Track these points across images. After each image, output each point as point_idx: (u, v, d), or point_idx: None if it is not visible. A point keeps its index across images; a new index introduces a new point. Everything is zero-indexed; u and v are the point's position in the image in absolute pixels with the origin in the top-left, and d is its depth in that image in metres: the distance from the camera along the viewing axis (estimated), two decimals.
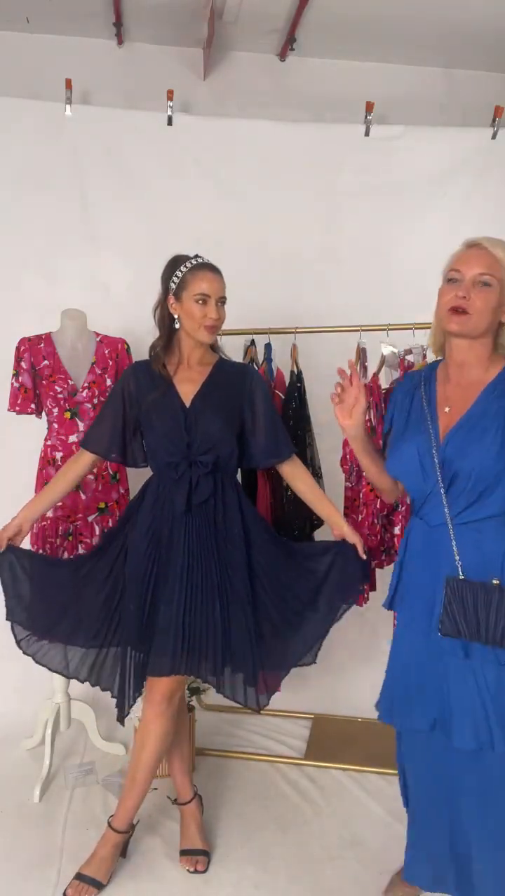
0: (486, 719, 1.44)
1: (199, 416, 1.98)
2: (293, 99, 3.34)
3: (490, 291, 1.49)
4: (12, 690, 2.97)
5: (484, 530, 1.48)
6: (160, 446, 1.99)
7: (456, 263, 1.54)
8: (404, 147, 3.16)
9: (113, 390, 2.11)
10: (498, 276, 1.50)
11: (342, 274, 3.14)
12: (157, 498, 2.01)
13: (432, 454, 1.51)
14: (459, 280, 1.52)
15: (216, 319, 1.97)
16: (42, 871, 2.07)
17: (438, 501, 1.49)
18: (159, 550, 1.98)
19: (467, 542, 1.48)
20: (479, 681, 1.45)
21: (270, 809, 2.38)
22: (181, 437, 1.97)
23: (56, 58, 3.15)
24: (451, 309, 1.50)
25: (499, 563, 1.46)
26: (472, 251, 1.54)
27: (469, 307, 1.48)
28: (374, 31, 3.11)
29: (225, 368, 2.10)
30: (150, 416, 2.00)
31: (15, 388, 2.52)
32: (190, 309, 1.96)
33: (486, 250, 1.52)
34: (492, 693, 1.44)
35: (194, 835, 2.13)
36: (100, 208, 3.08)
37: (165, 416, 1.99)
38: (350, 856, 2.15)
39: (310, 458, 2.62)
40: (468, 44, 3.20)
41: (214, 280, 1.98)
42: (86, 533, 2.50)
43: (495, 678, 1.45)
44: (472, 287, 1.49)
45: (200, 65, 3.25)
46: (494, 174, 3.18)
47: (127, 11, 3.03)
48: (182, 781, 2.19)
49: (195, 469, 1.95)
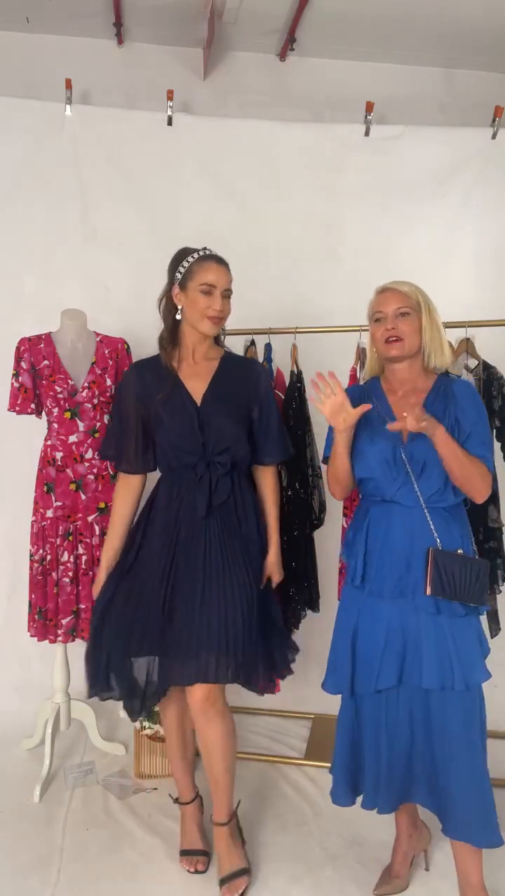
0: (449, 663, 1.74)
1: (211, 416, 1.94)
2: (293, 99, 3.34)
3: (411, 319, 1.84)
4: (12, 690, 2.98)
5: (451, 514, 1.82)
6: (174, 447, 1.94)
7: (377, 306, 1.89)
8: (404, 147, 3.17)
9: (122, 402, 2.04)
10: (412, 305, 1.85)
11: (342, 274, 3.14)
12: (169, 500, 1.96)
13: (400, 451, 1.82)
14: (384, 318, 1.86)
15: (220, 311, 1.94)
16: (42, 871, 2.07)
17: (410, 489, 1.80)
18: (176, 554, 1.93)
19: (439, 521, 1.80)
20: (446, 632, 1.76)
21: (269, 809, 2.39)
22: (195, 436, 1.93)
23: (56, 58, 3.15)
24: (386, 340, 1.85)
25: (459, 540, 1.80)
26: (385, 294, 1.88)
27: (400, 334, 1.83)
28: (374, 31, 3.11)
29: (232, 363, 2.06)
30: (161, 416, 1.95)
31: (15, 388, 2.52)
32: (194, 299, 1.93)
33: (396, 291, 1.86)
34: (455, 642, 1.75)
35: (195, 835, 2.13)
36: (100, 208, 3.09)
37: (176, 415, 1.94)
38: (350, 856, 2.15)
39: (310, 459, 2.62)
40: (468, 44, 3.20)
41: (221, 271, 1.95)
42: (86, 533, 2.50)
43: (457, 628, 1.76)
44: (396, 319, 1.84)
45: (200, 65, 3.26)
46: (494, 174, 3.18)
47: (127, 11, 3.04)
48: (185, 781, 2.17)
49: (213, 470, 1.93)
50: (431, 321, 1.86)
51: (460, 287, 3.09)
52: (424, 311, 1.86)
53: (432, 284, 1.92)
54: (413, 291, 1.87)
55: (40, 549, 2.50)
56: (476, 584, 1.75)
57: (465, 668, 1.74)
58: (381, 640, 1.81)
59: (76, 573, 2.49)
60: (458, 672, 1.73)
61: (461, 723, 1.76)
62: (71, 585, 2.48)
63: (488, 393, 2.42)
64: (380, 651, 1.81)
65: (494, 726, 2.03)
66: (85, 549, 2.49)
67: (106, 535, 2.07)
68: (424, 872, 2.07)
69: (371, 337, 1.92)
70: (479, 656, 1.78)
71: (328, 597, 2.69)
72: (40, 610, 2.49)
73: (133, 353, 2.63)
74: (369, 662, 1.82)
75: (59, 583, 2.47)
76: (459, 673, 1.73)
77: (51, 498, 2.48)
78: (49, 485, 2.49)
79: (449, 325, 2.29)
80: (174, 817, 2.30)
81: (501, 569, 2.46)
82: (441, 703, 1.77)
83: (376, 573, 1.83)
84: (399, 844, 2.03)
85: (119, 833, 2.23)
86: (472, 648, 1.77)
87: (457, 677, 1.73)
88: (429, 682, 1.74)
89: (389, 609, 1.81)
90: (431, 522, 1.79)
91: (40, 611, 2.49)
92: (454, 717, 1.76)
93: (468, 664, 1.75)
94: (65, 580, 2.47)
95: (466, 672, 1.74)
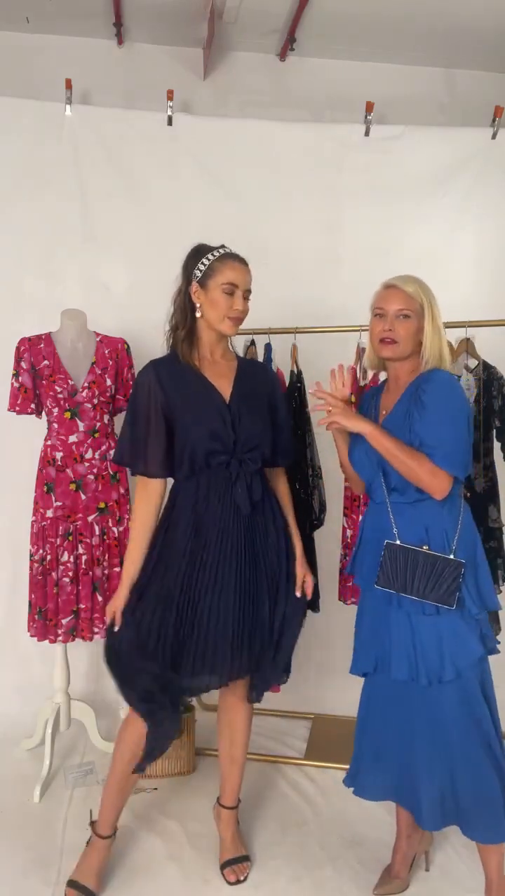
0: (414, 657, 1.78)
1: (242, 413, 1.91)
2: (293, 99, 3.34)
3: (410, 322, 1.83)
4: (12, 690, 2.98)
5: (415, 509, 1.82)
6: (204, 444, 1.86)
7: (379, 302, 1.88)
8: (404, 147, 3.17)
9: (141, 402, 1.91)
10: (414, 308, 1.83)
11: (342, 274, 3.14)
12: (196, 501, 1.88)
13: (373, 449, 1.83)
14: (384, 315, 1.85)
15: (242, 311, 1.91)
16: (42, 871, 2.07)
17: (378, 484, 1.86)
18: (206, 556, 1.87)
19: (401, 517, 1.82)
20: (410, 627, 1.79)
21: (269, 809, 2.39)
22: (227, 434, 1.88)
23: (56, 58, 3.15)
24: (381, 340, 1.85)
25: (426, 536, 1.80)
26: (389, 291, 1.86)
27: (395, 336, 1.83)
28: (374, 31, 3.12)
29: (248, 366, 2.06)
30: (187, 414, 1.87)
31: (15, 388, 2.52)
32: (216, 298, 1.89)
33: (400, 289, 1.85)
34: (419, 637, 1.78)
35: (92, 872, 1.98)
36: (100, 208, 3.08)
37: (207, 412, 1.88)
38: (350, 856, 2.15)
39: (310, 459, 2.62)
40: (468, 44, 3.21)
41: (243, 270, 1.92)
42: (86, 533, 2.50)
43: (418, 624, 1.79)
44: (395, 320, 1.83)
45: (200, 65, 3.26)
46: (494, 174, 3.18)
47: (127, 11, 3.04)
48: (114, 815, 2.01)
49: (245, 467, 1.90)
50: (434, 325, 1.84)
51: (460, 287, 3.08)
52: (427, 314, 1.84)
53: (432, 284, 1.91)
54: (418, 293, 1.84)
55: (40, 549, 2.50)
56: (436, 581, 1.74)
57: (427, 664, 1.76)
58: (364, 627, 1.92)
59: (76, 573, 2.49)
60: (421, 667, 1.77)
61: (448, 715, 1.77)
62: (71, 585, 2.48)
63: (488, 393, 2.42)
64: (362, 638, 1.93)
65: None
66: (85, 549, 2.49)
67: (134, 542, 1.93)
68: (425, 873, 2.07)
69: (370, 329, 1.92)
70: (445, 656, 1.75)
71: (328, 597, 2.70)
72: (40, 610, 2.49)
73: (133, 353, 2.63)
74: (356, 647, 1.94)
75: (59, 583, 2.47)
76: (422, 668, 1.77)
77: (51, 498, 2.48)
78: (49, 485, 2.49)
79: (449, 325, 2.29)
80: (174, 817, 2.31)
81: (502, 569, 2.46)
82: (421, 695, 1.80)
83: (360, 565, 1.93)
84: (399, 845, 2.03)
85: (119, 833, 2.23)
86: (435, 648, 1.76)
87: (421, 672, 1.77)
88: (397, 672, 1.79)
89: (371, 600, 1.90)
90: (392, 517, 1.82)
91: (40, 611, 2.49)
92: (436, 709, 1.78)
93: (430, 662, 1.76)
94: (65, 580, 2.47)
95: (429, 669, 1.76)
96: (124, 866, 2.08)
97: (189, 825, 2.28)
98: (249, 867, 2.08)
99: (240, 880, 2.03)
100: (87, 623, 2.49)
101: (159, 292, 2.08)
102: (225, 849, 2.10)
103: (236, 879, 2.02)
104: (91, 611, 2.50)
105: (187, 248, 2.01)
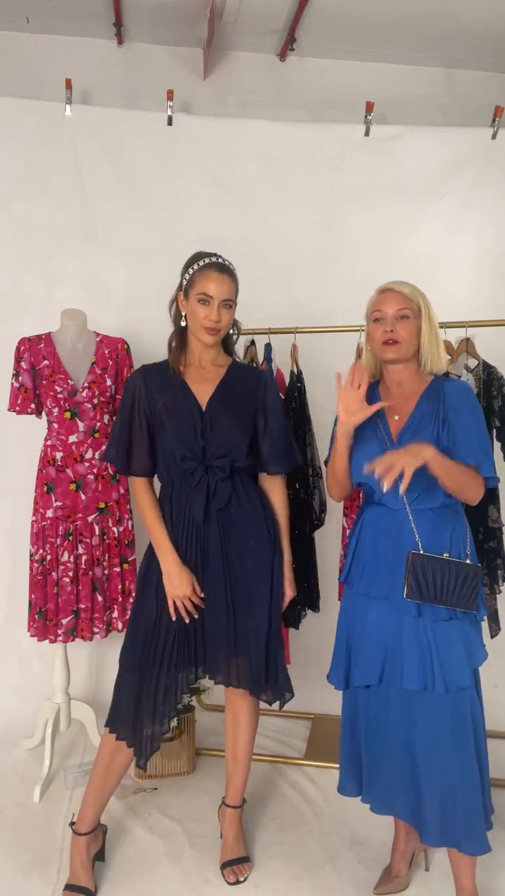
0: (431, 666, 1.75)
1: (215, 420, 1.93)
2: (293, 99, 3.34)
3: (410, 322, 1.84)
4: (12, 690, 2.98)
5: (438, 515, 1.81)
6: (174, 450, 1.92)
7: (377, 306, 1.88)
8: (404, 147, 3.17)
9: (127, 406, 1.99)
10: (412, 308, 1.84)
11: (342, 274, 3.14)
12: (172, 505, 1.96)
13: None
14: (383, 318, 1.85)
15: (216, 322, 1.90)
16: (42, 870, 2.07)
17: (396, 491, 1.73)
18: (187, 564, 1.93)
19: (423, 524, 1.79)
20: (427, 635, 1.76)
21: (269, 809, 2.39)
22: (195, 440, 1.91)
23: (56, 58, 3.15)
24: (383, 342, 1.84)
25: (448, 542, 1.79)
26: (386, 294, 1.87)
27: (397, 337, 1.83)
28: (374, 31, 3.12)
29: (240, 371, 2.05)
30: (164, 419, 1.93)
31: (15, 388, 2.52)
32: (193, 308, 1.92)
33: (396, 292, 1.85)
34: (437, 645, 1.75)
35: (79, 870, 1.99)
36: (100, 208, 3.09)
37: (179, 418, 1.92)
38: (350, 856, 2.15)
39: (310, 459, 2.62)
40: (468, 44, 3.21)
41: (221, 281, 1.90)
42: (86, 533, 2.50)
43: (439, 632, 1.77)
44: (395, 321, 1.83)
45: (200, 65, 3.26)
46: (494, 174, 3.18)
47: (127, 11, 3.04)
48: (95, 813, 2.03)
49: (212, 474, 1.91)
50: (430, 326, 1.86)
51: (460, 287, 3.09)
52: (424, 314, 1.85)
53: (432, 284, 1.92)
54: (414, 294, 1.85)
55: (40, 549, 2.50)
56: (462, 588, 1.74)
57: (445, 672, 1.74)
58: (367, 638, 1.85)
59: (76, 573, 2.49)
60: (438, 675, 1.73)
61: (449, 726, 1.76)
62: (71, 585, 2.48)
63: (488, 393, 2.42)
64: (365, 649, 1.85)
65: (494, 726, 2.04)
66: (85, 549, 2.49)
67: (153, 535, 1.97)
68: (424, 872, 2.07)
69: (369, 336, 1.91)
70: (463, 662, 1.76)
71: (328, 597, 2.70)
72: (40, 610, 2.49)
73: (133, 353, 2.63)
74: (357, 659, 1.87)
75: (59, 583, 2.47)
76: (439, 676, 1.73)
77: (51, 498, 2.48)
78: (49, 485, 2.49)
79: (449, 325, 2.30)
80: (174, 817, 2.30)
81: (502, 569, 2.46)
82: (428, 706, 1.77)
83: (365, 574, 1.86)
84: (397, 843, 2.03)
85: (119, 833, 2.23)
86: (454, 654, 1.75)
87: (437, 680, 1.73)
88: (410, 682, 1.75)
89: (377, 609, 1.84)
90: (414, 525, 1.79)
91: (40, 611, 2.49)
92: (442, 721, 1.76)
93: (449, 669, 1.74)
94: (65, 580, 2.47)
95: (447, 676, 1.74)
96: (124, 866, 2.09)
97: (189, 825, 2.28)
98: (250, 868, 2.08)
99: (240, 880, 2.03)
100: (87, 623, 2.49)
101: (159, 292, 2.08)
102: (226, 849, 2.11)
103: (236, 880, 2.03)
104: (91, 611, 2.50)
105: (187, 248, 2.02)
